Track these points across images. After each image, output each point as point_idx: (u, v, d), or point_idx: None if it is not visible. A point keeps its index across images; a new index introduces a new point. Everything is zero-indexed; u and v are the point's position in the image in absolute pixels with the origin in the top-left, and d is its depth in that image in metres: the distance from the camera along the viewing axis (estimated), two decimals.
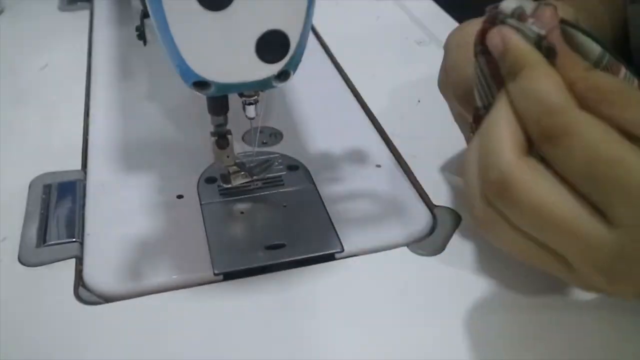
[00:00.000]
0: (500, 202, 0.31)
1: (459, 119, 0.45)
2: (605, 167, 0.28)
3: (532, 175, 0.30)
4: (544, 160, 0.30)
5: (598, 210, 0.29)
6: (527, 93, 0.30)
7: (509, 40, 0.31)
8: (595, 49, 0.33)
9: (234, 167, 0.44)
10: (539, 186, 0.29)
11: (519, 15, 0.32)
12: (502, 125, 0.31)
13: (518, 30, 0.32)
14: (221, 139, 0.42)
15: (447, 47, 0.43)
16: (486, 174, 0.31)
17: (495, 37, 0.32)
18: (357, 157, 0.50)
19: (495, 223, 0.32)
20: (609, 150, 0.28)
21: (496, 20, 0.32)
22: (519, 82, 0.31)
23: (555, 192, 0.29)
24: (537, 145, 0.30)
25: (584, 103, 0.30)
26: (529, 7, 0.32)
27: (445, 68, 0.43)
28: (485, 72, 0.34)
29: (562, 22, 0.33)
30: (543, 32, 0.31)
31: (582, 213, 0.29)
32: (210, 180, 0.48)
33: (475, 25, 0.42)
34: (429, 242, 0.43)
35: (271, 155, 0.50)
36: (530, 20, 0.31)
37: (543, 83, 0.30)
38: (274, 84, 0.36)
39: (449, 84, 0.43)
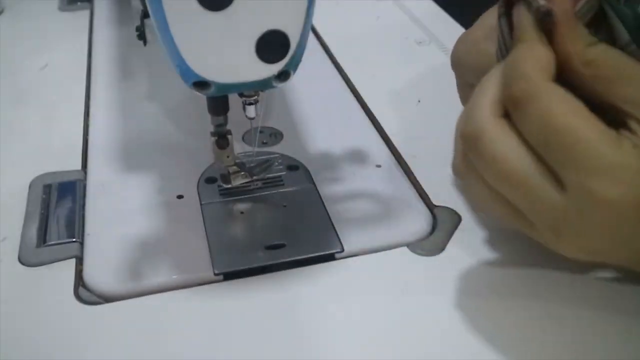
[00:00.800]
0: (470, 153, 0.33)
1: None
2: (557, 135, 0.30)
3: (500, 133, 0.32)
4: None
5: (553, 173, 0.31)
6: (509, 60, 0.33)
7: (521, 17, 0.34)
8: (624, 36, 0.34)
9: (234, 167, 0.44)
10: (504, 144, 0.32)
11: None
12: (490, 84, 0.33)
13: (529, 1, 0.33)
14: (221, 139, 0.42)
15: (458, 62, 0.44)
16: (463, 126, 0.34)
17: (515, 12, 0.34)
18: (357, 157, 0.50)
19: (469, 175, 0.34)
20: (562, 119, 0.30)
21: None
22: (511, 53, 0.33)
23: (517, 151, 0.32)
24: (506, 108, 0.32)
25: (579, 78, 0.32)
26: None
27: (467, 81, 0.43)
28: (505, 35, 0.36)
29: None
30: (542, 4, 0.33)
31: (537, 173, 0.31)
32: (210, 180, 0.48)
33: (475, 32, 0.42)
34: (429, 242, 0.43)
35: (271, 155, 0.50)
36: None
37: (523, 53, 0.33)
38: (274, 84, 0.36)
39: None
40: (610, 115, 0.32)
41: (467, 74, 0.43)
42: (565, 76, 0.33)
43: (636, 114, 0.31)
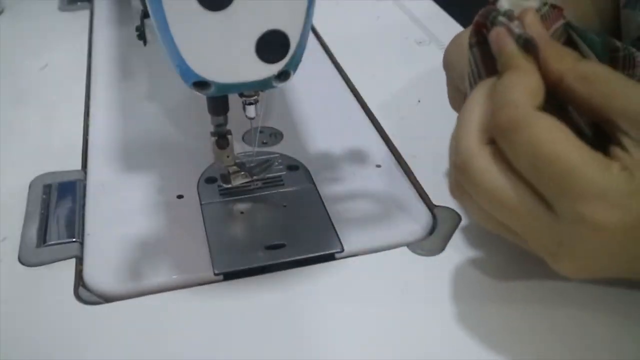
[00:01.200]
0: (462, 182, 0.33)
1: None
2: (545, 163, 0.30)
3: (487, 163, 0.32)
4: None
5: (544, 199, 0.31)
6: (498, 87, 0.33)
7: (504, 43, 0.34)
8: (592, 57, 0.35)
9: (234, 167, 0.44)
10: (492, 173, 0.32)
11: (509, 16, 0.34)
12: (473, 111, 0.33)
13: (507, 28, 0.34)
14: (221, 139, 0.42)
15: (449, 64, 0.44)
16: (453, 156, 0.34)
17: (494, 37, 0.34)
18: (357, 157, 0.50)
19: (462, 199, 0.35)
20: (550, 147, 0.30)
21: (489, 16, 0.35)
22: (500, 80, 0.33)
23: (505, 178, 0.32)
24: (494, 137, 0.32)
25: (575, 95, 0.32)
26: (532, 6, 0.35)
27: (455, 84, 0.44)
28: (478, 64, 0.36)
29: (568, 24, 0.35)
30: (522, 32, 0.33)
31: (528, 201, 0.31)
32: (210, 180, 0.48)
33: (464, 33, 0.43)
34: (429, 242, 0.43)
35: (271, 155, 0.50)
36: (516, 22, 0.34)
37: (512, 79, 0.32)
38: (274, 84, 0.36)
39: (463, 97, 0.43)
40: (602, 134, 0.32)
41: (455, 78, 0.43)
42: (556, 97, 0.33)
43: (630, 131, 0.31)
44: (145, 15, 0.51)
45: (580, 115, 0.33)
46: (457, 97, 0.45)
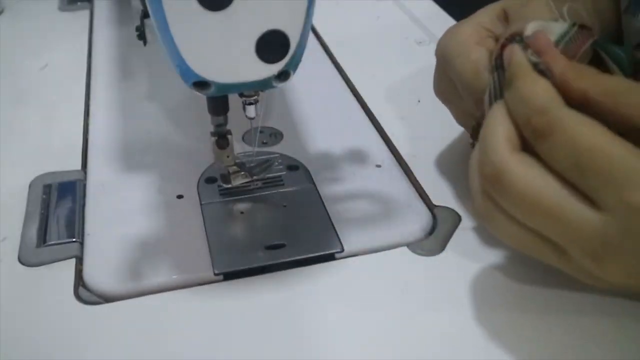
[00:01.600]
0: (495, 193, 0.33)
1: (462, 118, 0.46)
2: (587, 156, 0.30)
3: (522, 167, 0.32)
4: (539, 159, 0.33)
5: (586, 197, 0.31)
6: (517, 98, 0.33)
7: (514, 55, 0.35)
8: (618, 73, 0.36)
9: (234, 167, 0.44)
10: (528, 176, 0.32)
11: (524, 44, 0.35)
12: (497, 126, 0.34)
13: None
14: (221, 139, 0.42)
15: (444, 56, 0.44)
16: (483, 169, 0.34)
17: (507, 52, 0.36)
18: (357, 157, 0.50)
19: (493, 215, 0.34)
20: (590, 141, 0.30)
21: (513, 40, 0.36)
22: (512, 89, 0.34)
23: (544, 181, 0.32)
24: (531, 144, 0.33)
25: (602, 109, 0.32)
26: (560, 28, 0.36)
27: (449, 76, 0.44)
28: (498, 88, 0.36)
29: (595, 42, 0.37)
30: (538, 61, 0.34)
31: (569, 199, 0.31)
32: (210, 180, 0.48)
33: (464, 28, 0.43)
34: (429, 242, 0.43)
35: (271, 155, 0.50)
36: (530, 50, 0.35)
37: (530, 88, 0.33)
38: (274, 84, 0.36)
39: (458, 90, 0.43)
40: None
41: (451, 72, 0.43)
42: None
43: None
44: (145, 15, 0.51)
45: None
46: (444, 86, 0.45)
